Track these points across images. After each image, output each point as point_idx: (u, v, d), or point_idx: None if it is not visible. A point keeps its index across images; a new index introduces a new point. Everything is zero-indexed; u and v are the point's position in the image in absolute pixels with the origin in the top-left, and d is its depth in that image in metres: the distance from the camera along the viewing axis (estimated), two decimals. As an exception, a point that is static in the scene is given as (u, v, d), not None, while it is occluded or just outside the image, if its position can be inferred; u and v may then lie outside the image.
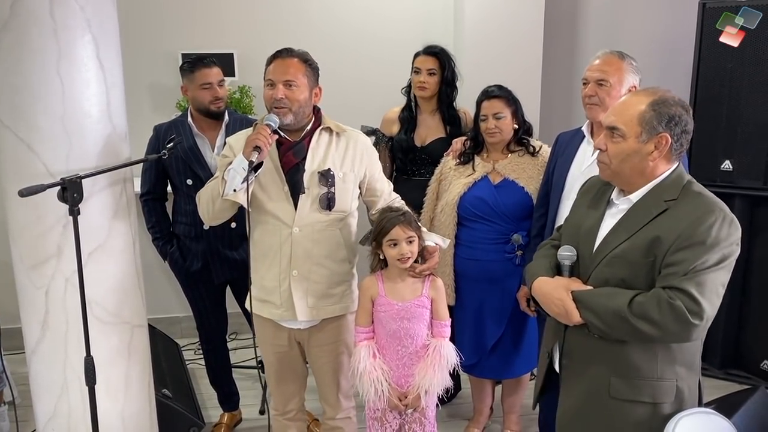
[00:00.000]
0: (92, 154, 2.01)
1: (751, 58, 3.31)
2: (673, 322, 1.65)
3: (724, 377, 3.61)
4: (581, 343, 1.86)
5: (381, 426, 2.41)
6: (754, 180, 3.41)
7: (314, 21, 3.91)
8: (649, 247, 1.71)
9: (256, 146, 2.07)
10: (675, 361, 1.77)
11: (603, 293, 1.77)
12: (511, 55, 3.75)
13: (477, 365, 2.87)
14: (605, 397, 1.81)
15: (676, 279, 1.66)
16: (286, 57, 2.22)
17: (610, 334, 1.75)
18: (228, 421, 3.20)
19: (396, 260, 2.27)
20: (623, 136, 1.74)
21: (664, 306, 1.65)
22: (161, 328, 3.77)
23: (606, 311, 1.73)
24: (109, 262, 2.11)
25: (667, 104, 1.73)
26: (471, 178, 2.76)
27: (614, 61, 2.33)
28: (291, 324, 2.33)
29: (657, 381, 1.77)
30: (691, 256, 1.66)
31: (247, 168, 2.06)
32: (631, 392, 1.78)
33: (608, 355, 1.80)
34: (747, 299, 3.57)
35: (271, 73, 2.21)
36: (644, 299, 1.69)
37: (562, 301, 1.80)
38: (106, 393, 2.12)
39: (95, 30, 1.97)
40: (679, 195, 1.74)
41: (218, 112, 2.81)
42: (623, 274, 1.75)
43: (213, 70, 2.79)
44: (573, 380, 1.91)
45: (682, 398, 1.79)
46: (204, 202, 2.25)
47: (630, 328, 1.69)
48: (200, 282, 2.93)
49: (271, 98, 2.19)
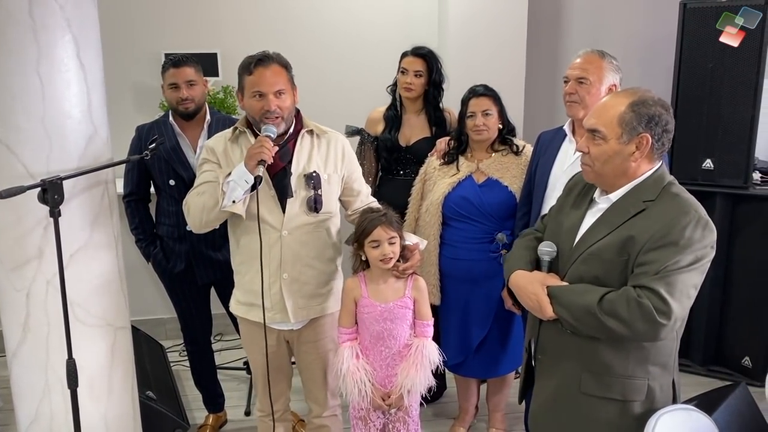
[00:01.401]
0: (73, 155, 2.00)
1: (732, 58, 3.34)
2: (641, 321, 1.66)
3: (705, 374, 3.64)
4: (554, 339, 1.88)
5: (365, 425, 2.42)
6: (735, 179, 3.45)
7: (299, 21, 3.90)
8: (623, 246, 1.73)
9: (262, 160, 2.07)
10: (647, 360, 1.78)
11: (576, 290, 1.79)
12: (495, 56, 3.76)
13: (462, 364, 2.88)
14: (576, 393, 1.83)
15: (647, 278, 1.67)
16: (269, 65, 2.17)
17: (581, 330, 1.77)
18: (213, 422, 3.19)
19: (378, 261, 2.28)
20: (604, 138, 1.75)
21: (632, 304, 1.66)
22: (145, 329, 3.74)
23: (577, 307, 1.75)
24: (91, 264, 2.09)
25: (647, 104, 1.74)
26: (455, 177, 2.77)
27: (594, 60, 2.35)
28: (281, 325, 2.34)
29: (628, 379, 1.78)
30: (663, 256, 1.67)
31: (252, 182, 2.09)
32: (601, 389, 1.80)
33: (580, 351, 1.82)
34: (728, 297, 3.60)
35: (258, 84, 2.15)
36: (614, 297, 1.70)
37: (537, 295, 1.82)
38: (89, 396, 2.10)
39: (75, 30, 1.95)
40: (657, 196, 1.75)
41: (186, 113, 2.77)
42: (597, 272, 1.77)
43: (182, 70, 2.74)
44: (546, 375, 1.94)
45: (654, 397, 1.80)
46: (196, 210, 2.21)
47: (599, 324, 1.71)
48: (184, 283, 2.92)
49: (262, 109, 2.16)
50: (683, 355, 3.23)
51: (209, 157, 2.26)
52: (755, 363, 3.53)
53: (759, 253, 3.47)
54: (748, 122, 3.36)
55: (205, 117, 2.85)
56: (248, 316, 2.33)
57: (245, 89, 2.20)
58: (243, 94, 2.22)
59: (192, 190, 2.27)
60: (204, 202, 2.18)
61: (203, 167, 2.27)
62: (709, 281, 3.47)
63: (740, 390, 2.49)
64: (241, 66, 2.21)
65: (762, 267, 3.48)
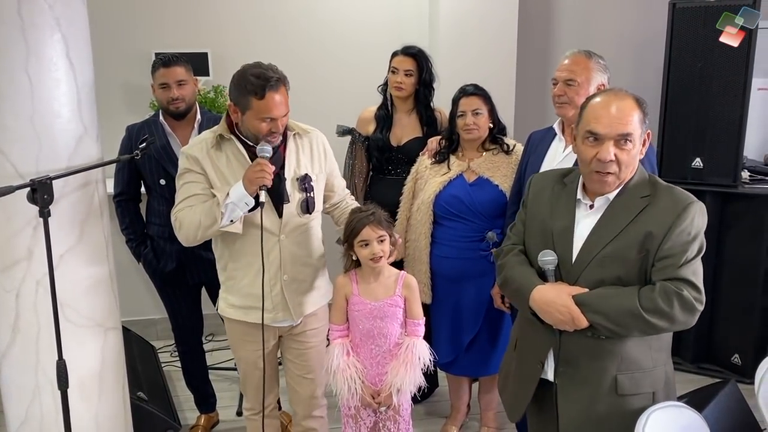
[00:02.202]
0: (63, 155, 1.99)
1: (720, 58, 3.37)
2: (682, 312, 1.72)
3: (696, 371, 3.67)
4: (582, 347, 1.83)
5: (356, 423, 2.43)
6: (724, 177, 3.47)
7: (289, 20, 3.90)
8: (642, 243, 1.75)
9: (263, 185, 2.09)
10: (661, 347, 1.86)
11: (607, 294, 1.77)
12: (486, 55, 3.77)
13: (454, 363, 2.88)
14: (613, 396, 1.82)
15: (675, 270, 1.72)
16: (279, 88, 2.11)
17: (620, 333, 1.76)
18: (205, 423, 3.18)
19: (368, 260, 2.29)
20: (633, 141, 1.75)
21: (673, 297, 1.71)
22: (136, 330, 3.73)
23: (617, 311, 1.73)
24: (82, 264, 2.08)
25: (642, 102, 1.79)
26: (446, 176, 2.77)
27: (581, 61, 2.37)
28: (281, 323, 2.35)
29: (653, 370, 1.84)
30: (685, 246, 1.73)
31: (252, 204, 2.11)
32: (635, 386, 1.83)
33: (611, 353, 1.81)
34: (718, 294, 3.63)
35: (270, 110, 2.10)
36: (652, 294, 1.72)
37: (567, 307, 1.77)
38: (80, 397, 2.09)
39: (65, 29, 1.94)
40: (650, 191, 1.79)
41: (177, 113, 2.76)
42: (618, 272, 1.77)
43: (172, 70, 2.73)
44: (575, 385, 1.86)
45: (669, 382, 1.87)
46: (190, 227, 2.17)
47: (644, 324, 1.73)
48: (175, 283, 2.91)
49: (269, 132, 2.14)
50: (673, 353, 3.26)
51: (191, 167, 2.20)
52: (744, 360, 3.56)
53: (748, 251, 3.50)
54: (737, 121, 3.39)
55: (196, 116, 2.84)
56: (246, 318, 2.32)
57: (251, 110, 2.12)
58: (243, 112, 2.14)
59: (179, 203, 2.22)
60: (200, 221, 2.15)
61: (186, 177, 2.22)
62: (699, 279, 3.50)
63: (730, 387, 2.51)
64: (245, 85, 2.10)
65: (751, 265, 3.50)
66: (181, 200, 2.22)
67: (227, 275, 2.34)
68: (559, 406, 1.89)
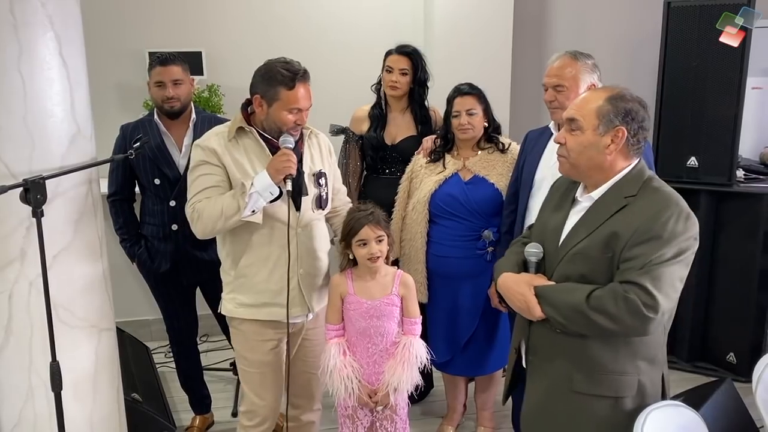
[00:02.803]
0: (56, 155, 1.97)
1: (715, 57, 3.37)
2: (629, 316, 1.68)
3: (691, 370, 3.68)
4: (545, 339, 1.88)
5: (352, 423, 2.42)
6: (719, 176, 3.48)
7: (284, 19, 3.88)
8: (606, 243, 1.74)
9: (289, 174, 2.11)
10: (636, 355, 1.79)
11: (563, 288, 1.80)
12: (481, 54, 3.77)
13: (450, 363, 2.88)
14: (568, 392, 1.84)
15: (632, 273, 1.69)
16: (306, 80, 2.20)
17: (571, 329, 1.78)
18: (200, 424, 3.16)
19: (366, 260, 2.28)
20: (581, 128, 1.78)
21: (619, 300, 1.68)
22: (130, 331, 3.71)
23: (565, 306, 1.76)
24: (75, 265, 2.06)
25: (624, 99, 1.77)
26: (442, 175, 2.77)
27: (568, 63, 2.36)
28: (297, 319, 2.36)
29: (619, 375, 1.79)
30: (648, 250, 1.68)
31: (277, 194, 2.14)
32: (593, 387, 1.81)
33: (570, 349, 1.82)
34: (713, 293, 3.64)
35: (299, 101, 2.17)
36: (601, 293, 1.71)
37: (524, 296, 1.83)
38: (74, 398, 2.07)
39: (58, 27, 1.93)
40: (638, 191, 1.77)
41: (172, 112, 2.75)
42: (584, 270, 1.78)
43: (168, 69, 2.72)
44: (537, 376, 1.94)
45: (644, 392, 1.82)
46: (210, 218, 2.16)
47: (588, 321, 1.72)
48: (169, 283, 2.89)
49: (294, 123, 2.19)
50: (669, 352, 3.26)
51: (208, 159, 2.20)
52: (740, 359, 3.57)
53: (743, 250, 3.51)
54: (732, 120, 3.39)
55: (191, 116, 2.82)
56: (259, 316, 2.30)
57: (279, 101, 2.16)
58: (270, 104, 2.17)
59: (195, 194, 2.21)
60: (221, 210, 2.14)
61: (202, 169, 2.21)
62: (694, 278, 3.51)
63: (726, 385, 2.52)
64: (274, 76, 2.15)
65: (746, 263, 3.51)
66: (197, 192, 2.20)
67: (237, 273, 2.29)
68: (525, 392, 1.99)
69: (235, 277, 2.31)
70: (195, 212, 2.19)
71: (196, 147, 2.25)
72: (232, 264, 2.31)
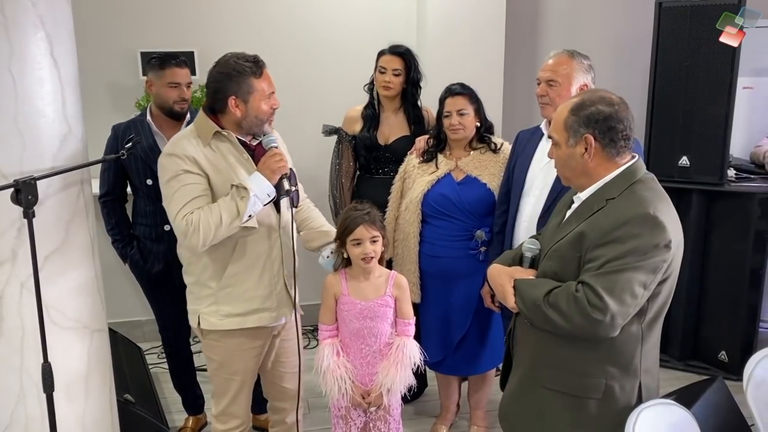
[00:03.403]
0: (47, 155, 1.96)
1: (706, 57, 3.39)
2: (578, 315, 1.69)
3: (683, 369, 3.70)
4: (522, 331, 1.95)
5: (346, 424, 2.42)
6: (711, 175, 3.50)
7: (277, 19, 3.88)
8: (576, 243, 1.77)
9: (285, 174, 2.11)
10: (606, 360, 1.79)
11: (532, 283, 1.84)
12: (474, 54, 3.78)
13: (443, 362, 2.88)
14: (535, 385, 1.88)
15: (588, 274, 1.71)
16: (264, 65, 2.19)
17: (534, 322, 1.83)
18: (193, 425, 3.16)
19: (359, 260, 2.28)
20: (557, 144, 1.83)
21: (570, 298, 1.70)
22: (123, 332, 3.70)
23: (529, 299, 1.80)
24: (67, 266, 2.05)
25: (584, 106, 1.77)
26: (434, 175, 2.77)
27: (564, 61, 2.37)
28: (281, 321, 2.34)
29: (582, 376, 1.81)
30: (607, 252, 1.68)
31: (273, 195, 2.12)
32: (557, 383, 1.84)
33: (538, 344, 1.87)
34: (705, 292, 3.66)
35: (270, 84, 2.16)
36: (558, 291, 1.75)
37: (503, 286, 1.89)
38: (66, 400, 2.06)
39: (48, 27, 1.91)
40: (620, 194, 1.76)
41: (181, 113, 2.77)
42: (556, 268, 1.82)
43: (183, 71, 2.77)
44: (516, 365, 2.01)
45: (613, 397, 1.80)
46: (209, 228, 2.05)
47: (544, 317, 1.75)
48: (162, 284, 2.89)
49: (271, 108, 2.17)
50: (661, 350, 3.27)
51: (190, 168, 2.10)
52: (731, 357, 3.59)
53: (734, 249, 3.53)
54: (723, 120, 3.41)
55: (186, 117, 2.82)
56: (246, 324, 2.24)
57: (255, 93, 2.11)
58: (247, 100, 2.11)
59: (184, 205, 2.08)
60: (220, 218, 2.06)
61: (184, 179, 2.10)
62: (686, 277, 3.53)
63: (717, 384, 2.53)
64: (239, 69, 2.10)
65: (737, 262, 3.53)
66: (185, 203, 2.08)
67: (222, 284, 2.21)
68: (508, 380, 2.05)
69: (218, 288, 2.22)
70: (189, 225, 2.06)
71: (171, 156, 2.13)
72: (213, 276, 2.22)
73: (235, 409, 2.37)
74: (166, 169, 2.14)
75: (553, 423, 1.86)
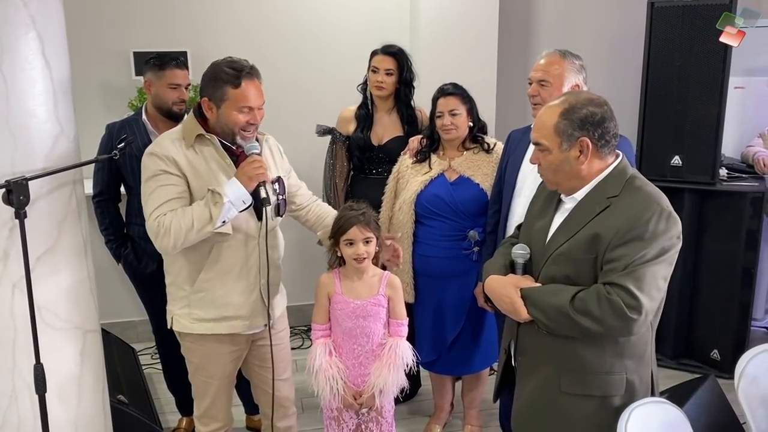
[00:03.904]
0: (39, 155, 1.95)
1: (698, 57, 3.40)
2: (612, 317, 1.69)
3: (676, 367, 3.71)
4: (532, 340, 1.89)
5: (338, 425, 2.41)
6: (703, 175, 3.51)
7: (269, 19, 3.88)
8: (590, 244, 1.75)
9: (263, 181, 2.07)
10: (623, 354, 1.80)
11: (548, 290, 1.81)
12: (467, 54, 3.78)
13: (437, 362, 2.89)
14: (556, 392, 1.85)
15: (615, 275, 1.70)
16: (254, 77, 2.11)
17: (556, 330, 1.79)
18: (187, 425, 3.15)
19: (352, 260, 2.28)
20: (548, 149, 1.80)
21: (603, 301, 1.69)
22: (116, 332, 3.68)
23: (550, 307, 1.77)
24: (59, 266, 2.05)
25: (575, 109, 1.76)
26: (428, 175, 2.77)
27: (555, 61, 2.37)
28: (256, 329, 2.32)
29: (606, 375, 1.81)
30: (630, 251, 1.69)
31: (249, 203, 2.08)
32: (581, 387, 1.82)
33: (558, 351, 1.83)
34: (697, 291, 3.67)
35: (248, 98, 2.07)
36: (585, 295, 1.73)
37: (510, 298, 1.84)
38: (58, 401, 2.06)
39: (40, 27, 1.91)
40: (620, 191, 1.78)
41: (180, 114, 2.74)
42: (568, 271, 1.79)
43: (183, 72, 2.77)
44: (526, 376, 1.95)
45: (633, 390, 1.83)
46: (179, 231, 2.04)
47: (572, 323, 1.73)
48: (155, 284, 2.85)
49: (246, 123, 2.10)
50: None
51: (168, 168, 2.09)
52: (723, 356, 3.60)
53: (726, 248, 3.55)
54: (715, 119, 3.43)
55: (182, 118, 2.81)
56: (217, 330, 2.23)
57: (227, 101, 2.07)
58: (219, 106, 2.09)
59: (158, 206, 2.07)
60: (192, 223, 2.04)
61: (161, 179, 2.09)
62: (679, 276, 3.54)
63: (709, 382, 2.54)
64: (219, 76, 2.08)
65: (729, 261, 3.55)
66: (160, 204, 2.07)
67: (195, 288, 2.20)
68: (515, 393, 2.00)
69: (191, 291, 2.21)
70: (161, 226, 2.04)
71: (151, 156, 2.12)
72: (187, 279, 2.20)
73: (215, 412, 2.37)
74: (146, 167, 2.13)
75: (579, 427, 1.84)
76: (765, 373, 2.01)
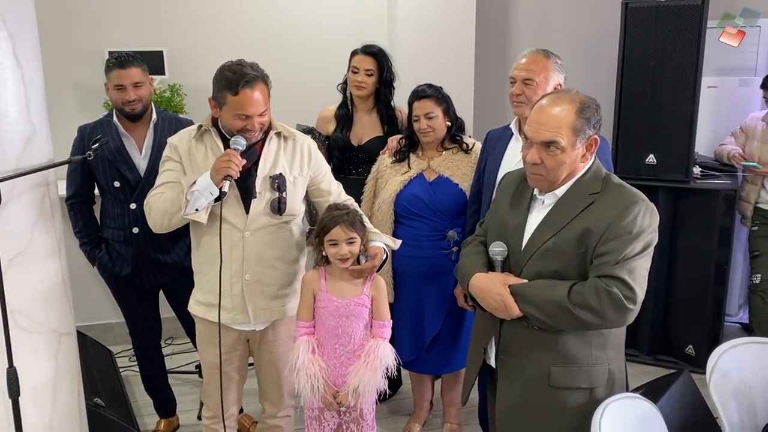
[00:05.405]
0: (11, 156, 1.92)
1: (672, 57, 3.45)
2: (611, 309, 1.73)
3: (652, 363, 3.76)
4: (519, 336, 1.90)
5: (319, 425, 2.41)
6: (677, 173, 3.56)
7: (247, 17, 3.86)
8: (580, 239, 1.78)
9: (229, 175, 2.07)
10: (606, 345, 1.86)
11: (540, 285, 1.82)
12: (445, 53, 3.80)
13: (416, 361, 2.90)
14: (546, 387, 1.87)
15: (609, 267, 1.74)
16: (255, 85, 2.11)
17: (551, 325, 1.81)
18: (165, 427, 3.13)
19: (336, 259, 2.28)
20: (561, 148, 1.77)
21: (602, 294, 1.73)
22: (93, 335, 3.64)
23: (546, 303, 1.79)
24: (33, 269, 2.02)
25: (590, 107, 1.80)
26: (407, 175, 2.78)
27: (540, 60, 2.38)
28: (243, 326, 2.32)
29: (592, 367, 1.85)
30: (621, 245, 1.75)
31: (217, 194, 2.10)
32: (569, 380, 1.85)
33: (546, 346, 1.85)
34: (672, 287, 3.72)
35: (244, 108, 2.11)
36: (582, 289, 1.76)
37: (501, 295, 1.84)
38: (33, 405, 2.03)
39: (11, 26, 1.88)
40: (601, 188, 1.83)
41: (133, 114, 2.69)
42: (557, 266, 1.82)
43: (128, 71, 2.65)
44: (512, 374, 1.94)
45: (614, 380, 1.88)
46: (157, 214, 2.20)
47: (571, 317, 1.76)
48: (131, 287, 2.85)
49: (243, 128, 2.14)
50: (630, 345, 3.29)
51: (171, 155, 2.25)
52: (698, 351, 3.65)
53: (700, 245, 3.60)
54: (688, 118, 3.48)
55: (151, 116, 2.77)
56: (207, 317, 2.30)
57: (226, 106, 2.14)
58: (220, 108, 2.17)
59: (153, 189, 2.25)
60: (167, 208, 2.17)
61: (165, 165, 2.26)
62: (654, 273, 3.56)
63: (684, 377, 2.57)
64: (221, 80, 2.13)
65: (703, 258, 3.60)
66: (156, 186, 2.24)
67: (196, 270, 2.35)
68: (497, 392, 1.99)
69: (196, 273, 2.36)
70: (147, 206, 2.24)
71: (168, 143, 2.30)
72: (194, 260, 2.36)
73: (208, 400, 2.45)
74: (163, 154, 2.31)
75: (568, 421, 1.86)
76: (736, 367, 2.05)
